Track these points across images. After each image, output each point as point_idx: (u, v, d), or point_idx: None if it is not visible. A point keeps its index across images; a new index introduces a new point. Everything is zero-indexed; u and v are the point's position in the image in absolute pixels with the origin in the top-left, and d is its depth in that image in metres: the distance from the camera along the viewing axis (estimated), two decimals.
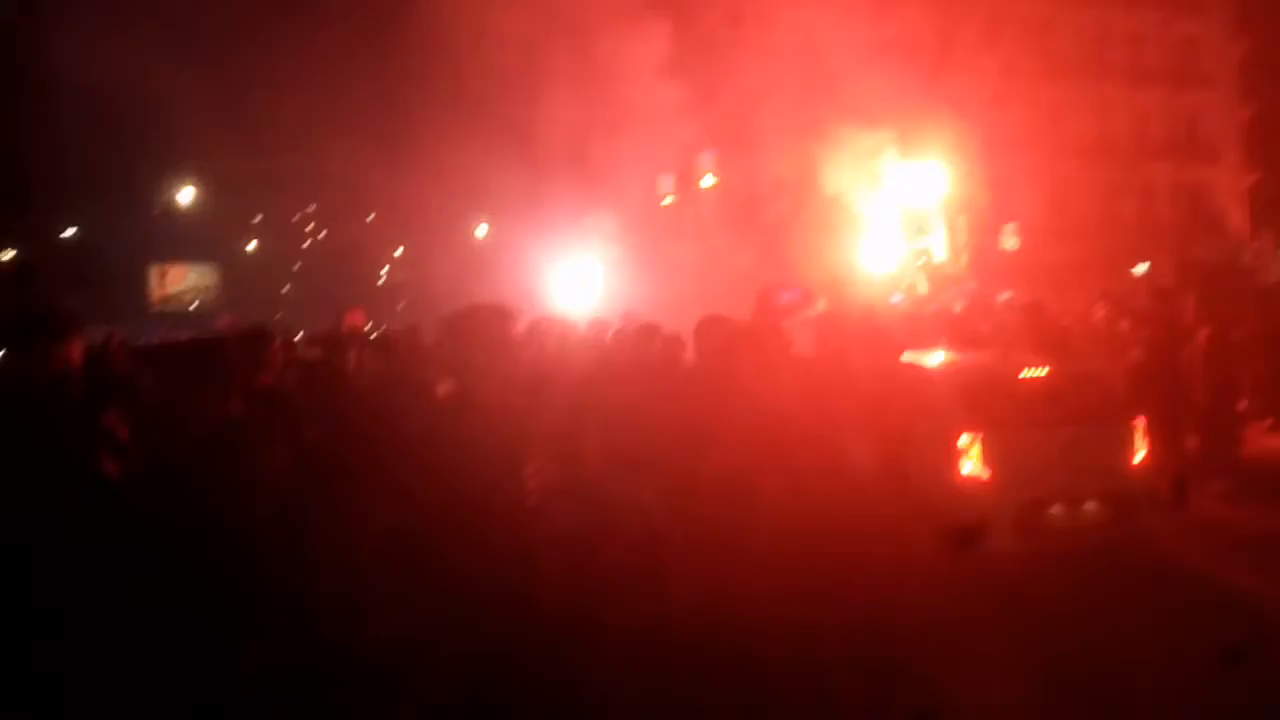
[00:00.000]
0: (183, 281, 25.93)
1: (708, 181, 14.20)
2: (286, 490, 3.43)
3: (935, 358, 6.19)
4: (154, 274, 25.44)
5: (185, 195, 26.33)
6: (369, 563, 3.71)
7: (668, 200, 14.73)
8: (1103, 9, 27.99)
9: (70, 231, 33.04)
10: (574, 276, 8.38)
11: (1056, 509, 5.20)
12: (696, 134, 13.45)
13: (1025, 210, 26.51)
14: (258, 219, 41.05)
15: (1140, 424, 5.66)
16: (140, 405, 3.73)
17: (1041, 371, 5.72)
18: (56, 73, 20.67)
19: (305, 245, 46.19)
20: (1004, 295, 10.86)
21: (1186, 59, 29.00)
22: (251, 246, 39.03)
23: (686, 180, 14.40)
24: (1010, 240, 20.44)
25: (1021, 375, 5.69)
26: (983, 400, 5.31)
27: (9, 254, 31.33)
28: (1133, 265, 23.91)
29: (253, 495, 3.17)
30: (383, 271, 39.89)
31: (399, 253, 39.17)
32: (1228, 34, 29.17)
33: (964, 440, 5.08)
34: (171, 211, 27.35)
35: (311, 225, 47.07)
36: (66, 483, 2.75)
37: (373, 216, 41.47)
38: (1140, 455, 5.59)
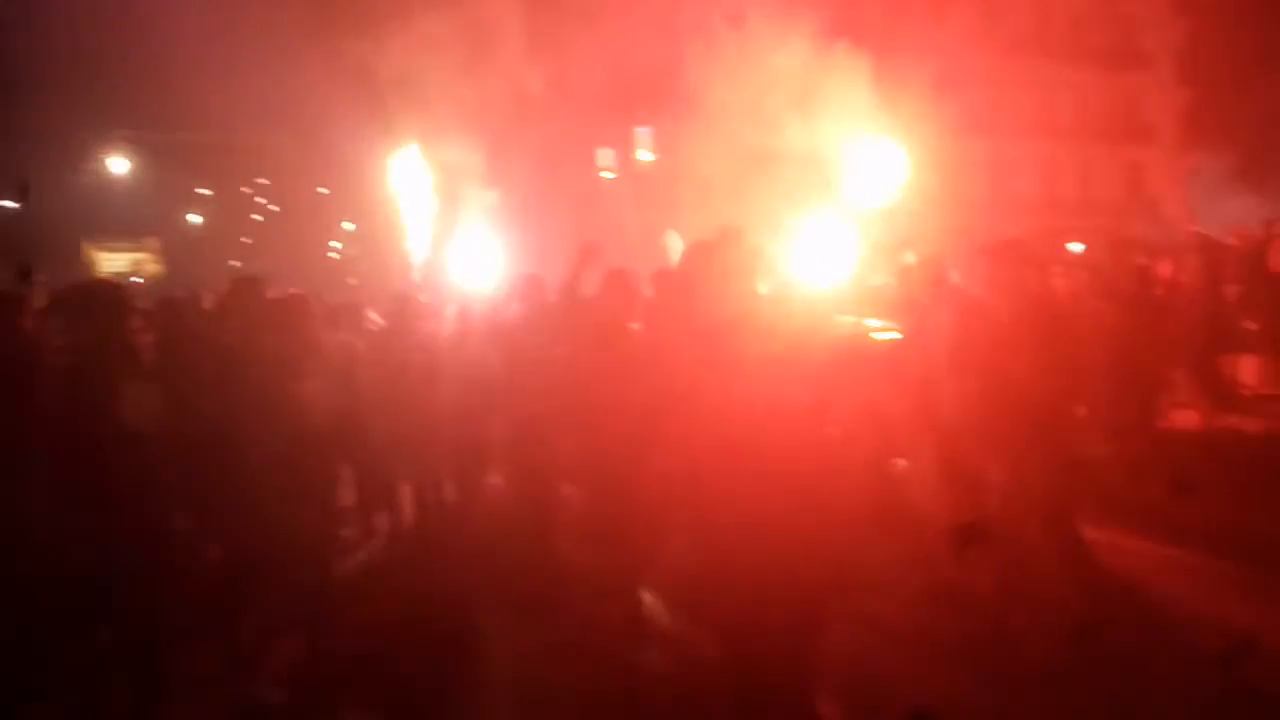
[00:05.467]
0: (120, 260, 25.51)
1: (645, 156, 14.36)
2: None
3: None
4: (87, 251, 24.99)
5: (120, 166, 25.77)
6: None
7: (607, 174, 14.89)
8: None
9: (8, 204, 32.21)
10: (498, 249, 8.35)
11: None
12: (637, 109, 13.54)
13: (968, 188, 27.01)
14: (206, 192, 40.27)
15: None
16: None
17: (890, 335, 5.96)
18: None
19: (257, 218, 45.38)
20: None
21: (1128, 40, 29.62)
22: (197, 219, 38.32)
23: (625, 155, 14.57)
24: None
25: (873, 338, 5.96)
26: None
27: None
28: (1071, 242, 24.49)
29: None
30: (335, 245, 39.43)
31: (350, 226, 38.73)
32: (1169, 16, 29.81)
33: None
34: (109, 182, 26.79)
35: (263, 199, 46.25)
36: None
37: (324, 190, 40.88)
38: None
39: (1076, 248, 24.10)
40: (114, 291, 2.94)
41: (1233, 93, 24.40)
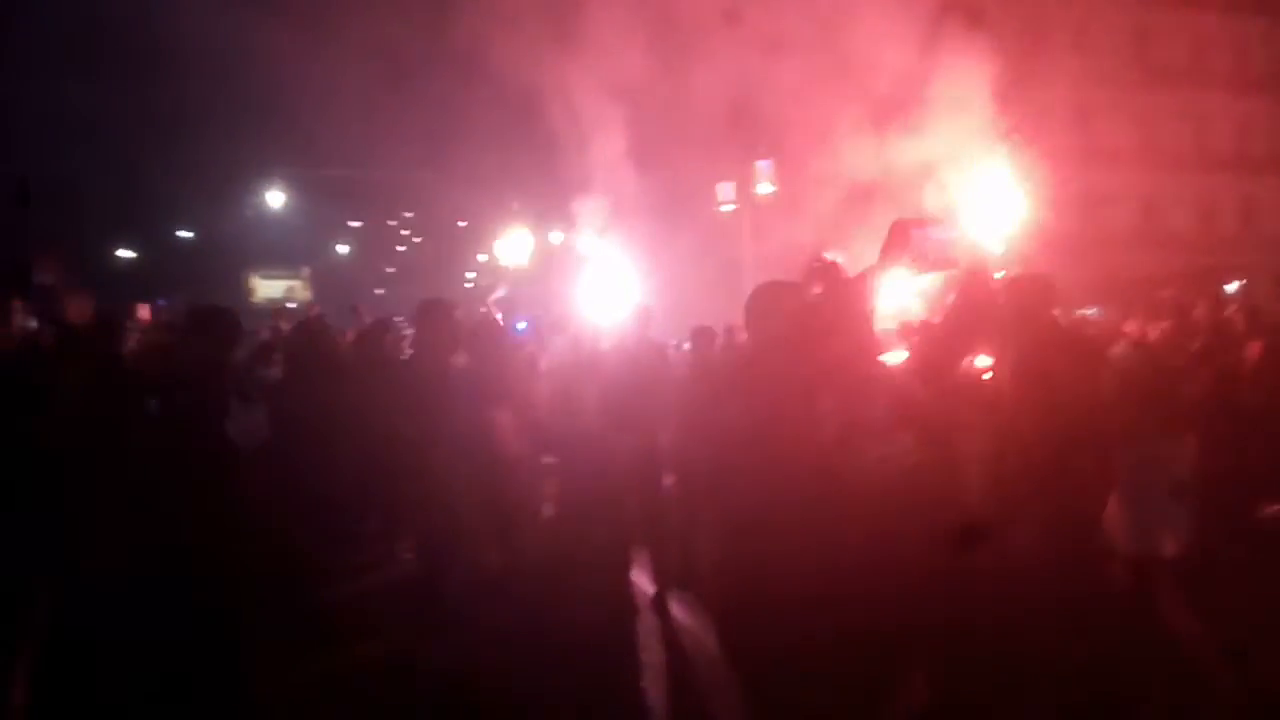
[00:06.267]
0: (276, 286, 27.64)
1: (765, 189, 14.40)
2: None
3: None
4: (246, 279, 27.28)
5: (277, 200, 27.98)
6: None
7: (727, 208, 15.03)
8: (1202, 12, 26.85)
9: (185, 234, 35.40)
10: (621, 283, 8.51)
11: None
12: (756, 143, 13.63)
13: (1117, 224, 25.65)
14: (356, 224, 43.01)
15: None
16: None
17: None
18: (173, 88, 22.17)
19: (400, 249, 48.02)
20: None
21: None
22: (346, 250, 40.89)
23: (745, 188, 14.69)
24: None
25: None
26: None
27: (128, 253, 33.81)
28: (1229, 281, 22.84)
29: None
30: (470, 275, 41.13)
31: (484, 258, 40.37)
32: None
33: None
34: (268, 215, 29.10)
35: (406, 231, 48.93)
36: None
37: (465, 223, 42.86)
38: None
39: (1235, 286, 22.49)
40: (222, 317, 3.14)
41: None
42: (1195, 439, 5.52)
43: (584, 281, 8.19)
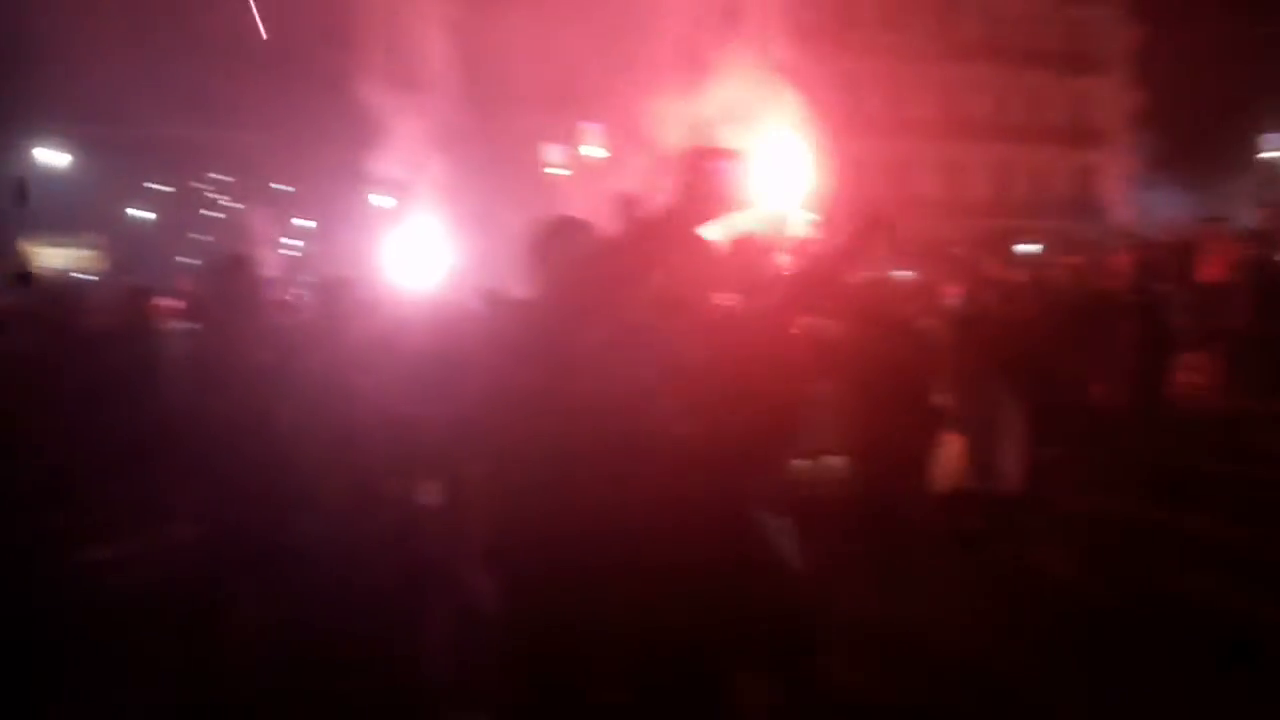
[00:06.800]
0: (63, 255, 25.08)
1: (593, 152, 14.36)
2: None
3: None
4: (23, 249, 24.57)
5: (59, 160, 25.34)
6: None
7: (554, 170, 14.90)
8: None
9: None
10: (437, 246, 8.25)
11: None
12: (585, 105, 13.54)
13: (923, 189, 27.32)
14: (161, 188, 39.69)
15: None
16: None
17: None
18: None
19: (214, 215, 44.78)
20: None
21: (1079, 43, 30.16)
22: (147, 214, 37.79)
23: (574, 151, 14.61)
24: None
25: None
26: None
27: None
28: (1022, 243, 24.89)
29: None
30: (290, 241, 38.94)
31: (308, 224, 38.36)
32: (1120, 20, 30.37)
33: None
34: (50, 177, 26.35)
35: (220, 195, 45.67)
36: None
37: (283, 186, 40.46)
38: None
39: (1028, 248, 24.53)
40: None
41: (1179, 94, 24.95)
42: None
43: (394, 243, 7.89)
